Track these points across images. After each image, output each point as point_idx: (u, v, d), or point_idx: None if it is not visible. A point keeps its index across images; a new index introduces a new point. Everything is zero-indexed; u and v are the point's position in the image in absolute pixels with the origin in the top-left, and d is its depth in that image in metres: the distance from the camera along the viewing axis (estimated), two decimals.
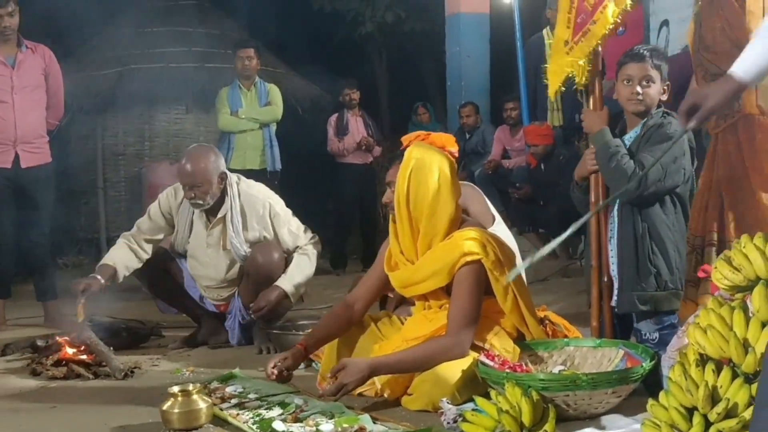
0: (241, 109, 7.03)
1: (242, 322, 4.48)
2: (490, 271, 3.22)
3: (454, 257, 3.23)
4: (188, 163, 4.33)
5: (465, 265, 3.21)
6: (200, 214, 4.46)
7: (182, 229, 4.52)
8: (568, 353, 3.29)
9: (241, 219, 4.41)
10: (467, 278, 3.21)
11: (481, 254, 3.20)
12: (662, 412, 2.44)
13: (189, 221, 4.51)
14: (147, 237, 4.50)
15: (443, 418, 2.86)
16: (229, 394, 3.29)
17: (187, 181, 4.33)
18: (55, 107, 5.50)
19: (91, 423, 3.02)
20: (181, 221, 4.52)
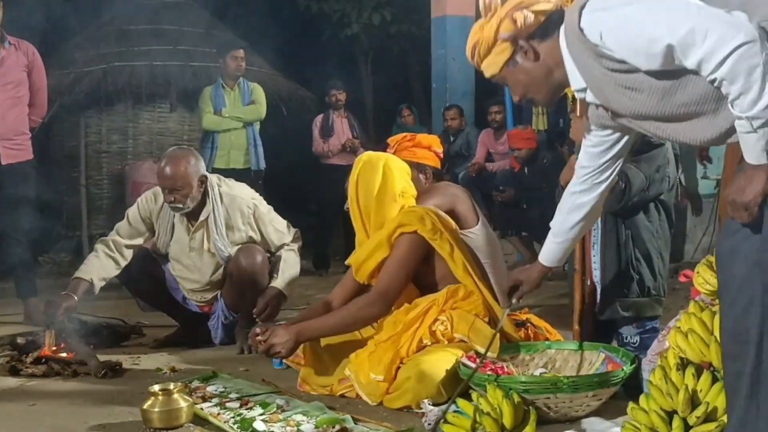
0: (225, 109, 7.04)
1: (225, 322, 4.47)
2: (430, 239, 3.41)
3: (391, 229, 3.45)
4: (167, 166, 4.29)
5: (401, 236, 3.41)
6: (181, 217, 4.44)
7: (163, 233, 4.49)
8: (549, 356, 3.31)
9: (224, 221, 4.39)
10: (398, 246, 3.43)
11: (416, 225, 3.40)
12: (642, 415, 2.46)
13: (170, 225, 4.47)
14: (127, 243, 4.44)
15: (424, 420, 2.86)
16: (210, 393, 3.29)
17: (167, 184, 4.28)
18: (38, 104, 5.47)
19: (70, 422, 3.00)
20: (162, 225, 4.48)
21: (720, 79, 1.92)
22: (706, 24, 1.91)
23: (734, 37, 1.88)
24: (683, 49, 1.94)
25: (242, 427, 2.82)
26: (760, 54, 1.87)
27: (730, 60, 1.88)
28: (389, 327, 3.35)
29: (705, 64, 1.92)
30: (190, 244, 4.43)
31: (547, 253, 2.95)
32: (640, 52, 2.03)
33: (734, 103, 1.95)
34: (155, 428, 2.88)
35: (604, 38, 2.09)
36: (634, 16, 2.03)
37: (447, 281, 3.46)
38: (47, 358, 3.79)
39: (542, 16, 2.32)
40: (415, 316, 3.33)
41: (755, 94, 1.89)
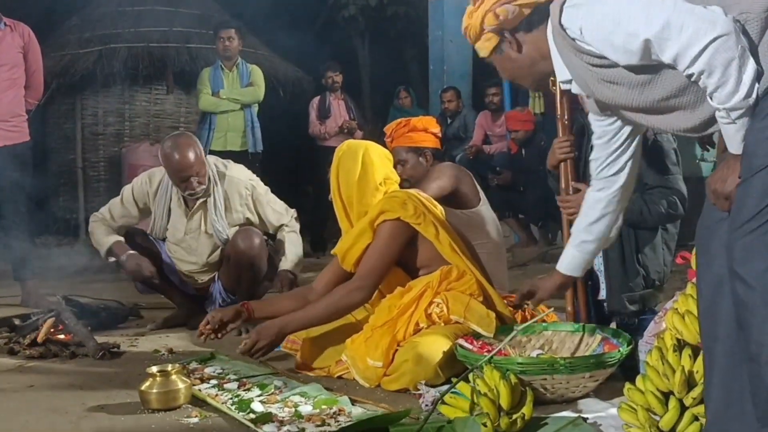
0: (222, 90, 7.01)
1: (222, 304, 4.47)
2: (413, 224, 3.43)
3: (373, 215, 3.45)
4: (188, 152, 4.27)
5: (383, 222, 3.41)
6: (179, 200, 4.43)
7: (159, 216, 4.48)
8: (546, 338, 3.31)
9: (223, 203, 4.39)
10: (380, 233, 3.44)
11: (398, 211, 3.41)
12: (639, 396, 2.46)
13: (166, 208, 4.47)
14: (119, 224, 4.47)
15: (422, 401, 2.87)
16: (208, 375, 3.29)
17: (191, 171, 4.28)
18: (34, 86, 5.44)
19: (68, 403, 3.01)
20: (158, 208, 4.47)
21: (697, 72, 1.94)
22: (681, 18, 1.93)
23: (709, 30, 1.89)
24: (659, 43, 1.96)
25: (240, 408, 2.83)
26: (736, 47, 1.89)
27: (705, 54, 1.90)
28: (384, 312, 3.35)
29: (681, 58, 1.94)
30: (188, 226, 4.43)
31: (566, 259, 2.88)
32: (618, 48, 2.05)
33: (712, 96, 1.97)
34: (153, 409, 2.89)
35: (583, 33, 2.11)
36: (611, 11, 2.04)
37: (436, 263, 3.46)
38: (45, 340, 3.78)
39: (527, 9, 2.34)
40: (410, 300, 3.33)
41: (732, 87, 1.92)
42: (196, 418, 2.79)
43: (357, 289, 3.39)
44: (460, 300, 3.30)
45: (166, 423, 2.77)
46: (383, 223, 3.43)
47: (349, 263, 3.53)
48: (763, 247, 1.88)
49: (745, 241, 1.90)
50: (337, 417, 2.70)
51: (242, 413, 2.78)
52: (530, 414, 2.58)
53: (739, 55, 1.89)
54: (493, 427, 2.48)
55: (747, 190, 1.92)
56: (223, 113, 7.02)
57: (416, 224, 3.43)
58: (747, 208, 1.91)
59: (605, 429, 2.56)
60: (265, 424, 2.65)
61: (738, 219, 1.93)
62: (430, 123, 4.34)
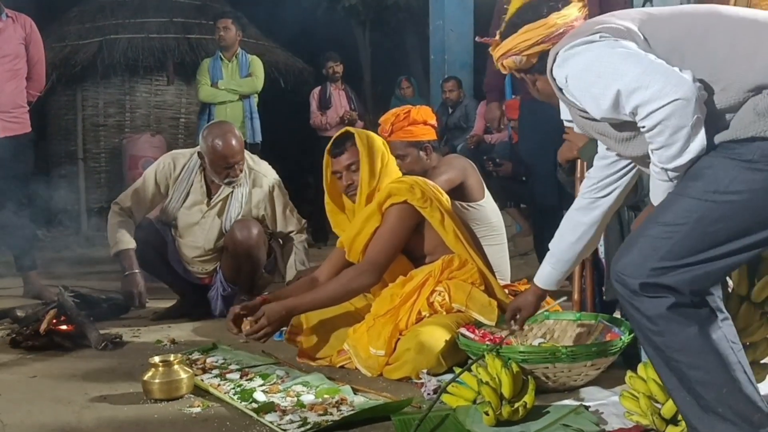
0: (221, 81, 7.00)
1: (223, 294, 4.48)
2: (420, 208, 3.42)
3: (381, 199, 3.45)
4: (232, 140, 4.31)
5: (391, 206, 3.41)
6: (201, 186, 4.43)
7: (176, 198, 4.46)
8: (547, 326, 3.32)
9: (248, 194, 4.41)
10: (388, 216, 3.44)
11: (405, 195, 3.41)
12: (640, 383, 2.47)
13: (186, 193, 4.47)
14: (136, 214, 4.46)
15: (423, 390, 2.88)
16: (211, 364, 3.30)
17: (237, 158, 4.33)
18: (35, 77, 5.44)
19: (71, 393, 3.01)
20: (178, 192, 4.47)
21: (648, 127, 2.01)
22: (650, 74, 2.00)
23: (672, 92, 1.96)
24: (627, 95, 2.03)
25: (242, 397, 2.83)
26: (691, 116, 1.95)
27: (660, 113, 1.97)
28: (386, 301, 3.35)
29: (640, 110, 2.01)
30: (206, 213, 4.42)
31: (542, 275, 2.90)
32: (596, 98, 2.12)
33: (654, 152, 2.06)
34: (156, 399, 2.89)
35: (568, 83, 2.20)
36: (595, 64, 2.11)
37: (439, 251, 3.47)
38: (47, 331, 3.79)
39: (534, 57, 2.42)
40: (412, 289, 3.34)
41: (675, 151, 2.00)
42: (198, 408, 2.79)
43: (366, 272, 3.38)
44: (462, 289, 3.31)
45: (169, 413, 2.77)
46: (391, 206, 3.43)
47: (357, 251, 3.51)
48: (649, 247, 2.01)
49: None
50: (340, 406, 2.70)
51: (244, 403, 2.78)
52: (532, 402, 2.58)
53: (692, 125, 1.96)
54: (495, 416, 2.48)
55: (681, 203, 2.02)
56: (222, 104, 7.02)
57: (422, 208, 3.43)
58: (670, 214, 2.03)
59: (607, 417, 2.56)
60: (267, 414, 2.65)
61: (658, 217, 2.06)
62: (429, 114, 4.30)
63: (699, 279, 1.98)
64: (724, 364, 1.97)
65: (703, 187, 1.99)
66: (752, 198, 1.95)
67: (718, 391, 1.97)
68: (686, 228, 1.99)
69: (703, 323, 1.98)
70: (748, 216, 1.96)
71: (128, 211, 4.43)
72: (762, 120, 1.95)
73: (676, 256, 1.98)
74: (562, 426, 2.47)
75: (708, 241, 1.98)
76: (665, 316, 1.97)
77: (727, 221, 1.97)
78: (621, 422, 2.50)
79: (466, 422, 2.53)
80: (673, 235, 2.00)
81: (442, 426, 2.52)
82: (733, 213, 1.97)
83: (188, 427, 2.62)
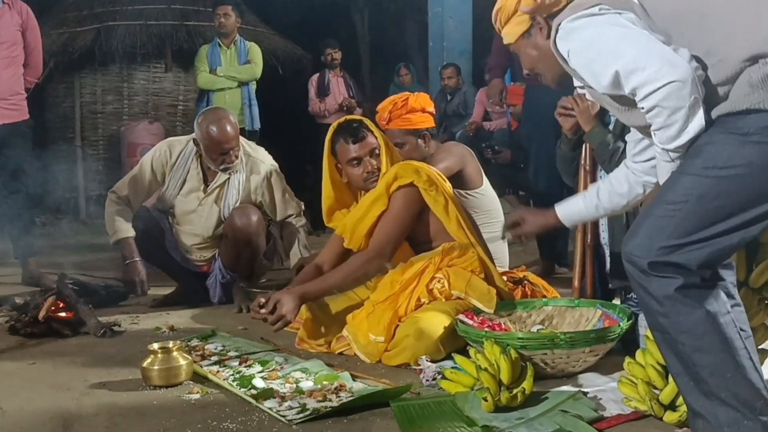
0: (220, 68, 6.98)
1: (222, 281, 4.48)
2: (424, 191, 3.40)
3: (389, 181, 3.43)
4: (227, 126, 4.29)
5: (397, 190, 3.41)
6: (198, 173, 4.42)
7: (173, 186, 4.45)
8: (546, 313, 3.32)
9: (245, 181, 4.41)
10: (395, 200, 3.42)
11: (412, 176, 3.39)
12: (639, 369, 2.47)
13: (182, 180, 4.46)
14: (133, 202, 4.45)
15: (422, 376, 2.88)
16: (209, 351, 3.30)
17: (232, 144, 4.32)
18: (33, 64, 5.42)
19: (70, 380, 3.02)
20: (174, 179, 4.46)
21: (647, 108, 2.04)
22: (646, 56, 2.02)
23: (667, 74, 1.98)
24: (625, 75, 2.06)
25: (242, 384, 2.84)
26: (688, 96, 1.98)
27: (657, 94, 2.00)
28: (386, 287, 3.35)
29: (637, 91, 2.04)
30: (205, 200, 4.42)
31: (568, 205, 2.79)
32: (596, 75, 2.15)
33: (655, 133, 2.08)
34: (155, 386, 2.90)
35: (570, 57, 2.22)
36: (595, 41, 2.13)
37: (440, 239, 3.46)
38: (46, 318, 3.79)
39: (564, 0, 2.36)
40: (411, 276, 3.33)
41: (674, 132, 2.03)
42: (197, 395, 2.80)
43: (374, 258, 3.38)
44: (462, 276, 3.30)
45: (168, 399, 2.78)
46: (398, 190, 3.41)
47: (360, 235, 3.49)
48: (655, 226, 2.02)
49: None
50: (339, 392, 2.71)
51: (243, 389, 2.79)
52: (531, 388, 2.58)
53: (689, 106, 1.99)
54: (494, 402, 2.48)
55: (683, 181, 2.04)
56: (221, 91, 6.99)
57: (428, 191, 3.41)
58: (673, 192, 2.04)
59: (605, 403, 2.57)
60: (266, 400, 2.66)
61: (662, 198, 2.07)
62: (426, 102, 4.27)
63: (706, 256, 1.98)
64: (730, 348, 1.97)
65: (702, 164, 2.00)
66: (751, 171, 1.96)
67: (721, 376, 1.97)
68: (689, 205, 2.00)
69: (712, 306, 1.98)
70: (749, 189, 1.97)
71: (125, 200, 4.42)
72: (756, 92, 1.95)
73: (682, 234, 1.98)
74: (561, 412, 2.47)
75: (711, 217, 1.98)
76: (673, 297, 1.98)
77: (727, 196, 1.98)
78: (619, 408, 2.51)
79: (464, 408, 2.53)
80: (676, 213, 2.00)
81: (441, 412, 2.53)
82: (733, 188, 1.97)
83: (187, 413, 2.63)
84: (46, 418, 2.62)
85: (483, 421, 2.43)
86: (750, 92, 1.96)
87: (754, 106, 1.95)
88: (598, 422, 2.39)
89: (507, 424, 2.40)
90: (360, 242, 3.50)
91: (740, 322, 2.04)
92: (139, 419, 2.59)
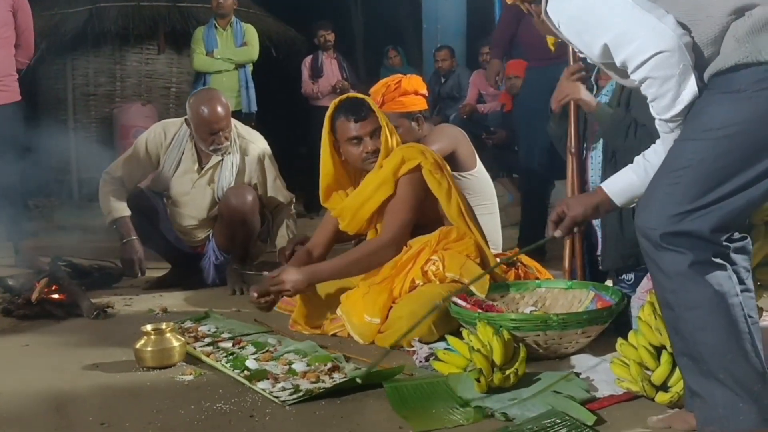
0: (217, 50, 6.93)
1: (216, 262, 4.48)
2: (429, 173, 3.38)
3: (396, 164, 3.39)
4: (218, 106, 4.28)
5: (406, 174, 3.38)
6: (192, 155, 4.40)
7: (168, 168, 4.44)
8: (539, 294, 3.33)
9: (239, 163, 4.39)
10: (405, 185, 3.38)
11: (419, 158, 3.38)
12: (631, 350, 2.48)
13: (177, 161, 4.45)
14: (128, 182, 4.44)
15: (415, 357, 2.89)
16: (203, 333, 3.31)
17: (222, 125, 4.30)
18: (24, 45, 5.39)
19: (64, 361, 3.02)
20: (169, 161, 4.44)
21: (639, 80, 2.05)
22: (633, 28, 2.03)
23: (654, 44, 1.98)
24: (614, 48, 2.07)
25: (235, 365, 2.84)
26: (677, 65, 1.98)
27: (646, 66, 2.01)
28: (383, 269, 3.34)
29: (627, 63, 2.06)
30: (199, 182, 4.41)
31: (619, 181, 2.44)
32: (587, 46, 2.16)
33: (651, 105, 2.09)
34: (148, 367, 2.90)
35: (560, 27, 2.21)
36: (583, 13, 2.13)
37: (437, 224, 3.45)
38: (39, 300, 3.78)
39: None
40: (407, 258, 3.33)
41: (668, 102, 2.03)
42: (191, 376, 2.80)
43: (390, 244, 3.34)
44: (457, 259, 3.30)
45: (161, 381, 2.78)
46: (406, 174, 3.38)
47: (361, 219, 3.47)
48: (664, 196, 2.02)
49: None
50: (332, 374, 2.72)
51: (237, 371, 2.79)
52: (523, 370, 2.59)
53: (680, 73, 1.99)
54: (487, 383, 2.49)
55: (684, 147, 2.04)
56: (218, 73, 6.95)
57: (433, 175, 3.40)
58: (675, 160, 2.04)
59: (597, 384, 2.58)
60: (259, 381, 2.66)
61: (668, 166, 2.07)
62: (419, 84, 4.23)
63: (717, 221, 1.98)
64: (734, 331, 1.98)
65: (701, 128, 2.00)
66: (747, 128, 1.96)
67: (722, 357, 1.98)
68: (692, 171, 1.99)
69: (721, 286, 1.98)
70: (746, 146, 1.96)
71: (119, 180, 4.40)
72: (742, 46, 1.95)
73: (689, 199, 1.98)
74: (553, 393, 2.48)
75: (716, 179, 1.97)
76: (684, 274, 1.98)
77: (727, 156, 1.97)
78: (611, 389, 2.52)
79: (457, 389, 2.54)
80: (681, 180, 2.00)
81: (434, 393, 2.54)
82: (732, 147, 1.97)
83: (181, 394, 2.63)
84: (39, 399, 2.62)
85: (476, 401, 2.44)
86: (737, 47, 1.96)
87: (743, 61, 1.95)
88: (590, 403, 2.40)
89: (499, 405, 2.41)
90: (360, 226, 3.48)
91: (748, 308, 2.04)
92: (132, 400, 2.59)
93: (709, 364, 1.99)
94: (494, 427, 2.28)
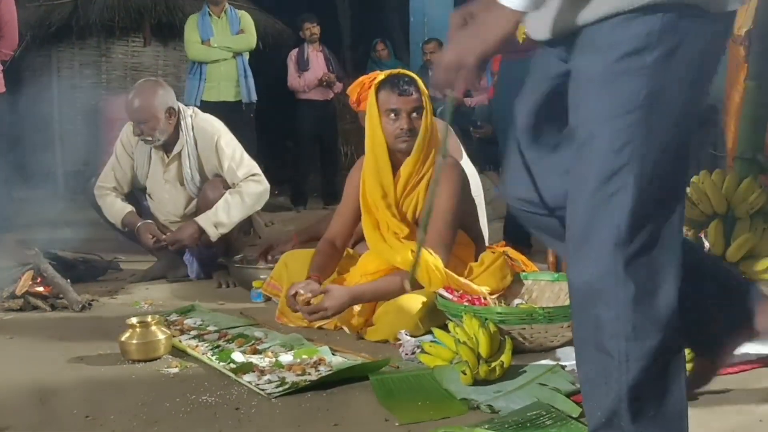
0: (213, 38, 6.82)
1: (200, 256, 4.45)
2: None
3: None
4: (135, 98, 4.24)
5: (449, 175, 3.26)
6: (157, 150, 4.40)
7: (141, 165, 4.45)
8: (526, 287, 3.34)
9: (197, 153, 4.36)
10: (446, 175, 3.26)
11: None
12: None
13: (147, 157, 4.44)
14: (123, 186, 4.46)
15: (401, 350, 2.89)
16: (188, 326, 3.30)
17: (134, 117, 4.26)
18: (8, 37, 5.36)
19: (49, 354, 3.00)
20: (140, 157, 4.44)
21: None
22: None
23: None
24: None
25: (221, 358, 2.83)
26: None
27: None
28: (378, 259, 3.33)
29: None
30: (165, 176, 4.41)
31: None
32: None
33: None
34: (133, 360, 2.89)
35: None
36: None
37: None
38: (24, 293, 3.76)
39: None
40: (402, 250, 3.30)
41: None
42: (176, 369, 2.80)
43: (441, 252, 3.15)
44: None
45: (147, 373, 2.77)
46: (449, 176, 3.27)
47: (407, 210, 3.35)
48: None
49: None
50: (318, 366, 2.72)
51: (222, 363, 2.79)
52: (509, 362, 2.60)
53: None
54: (472, 375, 2.50)
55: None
56: (215, 62, 6.84)
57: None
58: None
59: None
60: (245, 374, 2.66)
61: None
62: None
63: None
64: None
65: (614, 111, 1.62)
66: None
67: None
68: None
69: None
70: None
71: (113, 190, 4.46)
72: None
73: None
74: (539, 385, 2.49)
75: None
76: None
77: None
78: None
79: (443, 381, 2.55)
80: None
81: (420, 385, 2.54)
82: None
83: (166, 387, 2.63)
84: (23, 392, 2.61)
85: (461, 394, 2.45)
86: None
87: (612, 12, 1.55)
88: (575, 395, 2.41)
89: (485, 397, 2.42)
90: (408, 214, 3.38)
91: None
92: (117, 393, 2.59)
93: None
94: (480, 419, 2.29)
